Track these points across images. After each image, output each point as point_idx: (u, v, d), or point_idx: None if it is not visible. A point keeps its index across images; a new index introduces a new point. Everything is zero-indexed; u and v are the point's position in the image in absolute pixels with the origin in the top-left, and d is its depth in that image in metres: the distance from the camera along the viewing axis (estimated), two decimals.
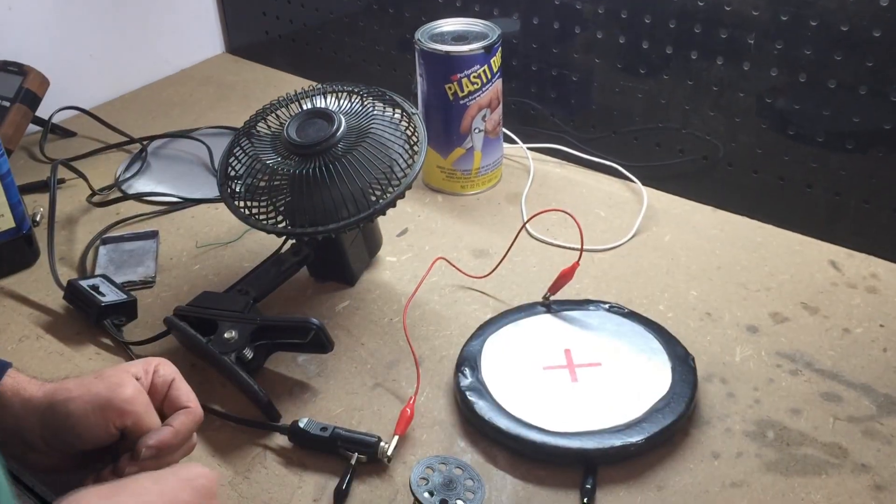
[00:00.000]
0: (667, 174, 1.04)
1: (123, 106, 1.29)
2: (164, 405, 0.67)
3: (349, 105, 0.84)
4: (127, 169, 1.11)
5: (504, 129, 1.06)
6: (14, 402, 0.62)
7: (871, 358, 0.78)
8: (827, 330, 0.81)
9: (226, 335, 0.76)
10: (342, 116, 0.81)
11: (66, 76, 1.20)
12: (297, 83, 0.91)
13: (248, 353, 0.75)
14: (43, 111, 1.15)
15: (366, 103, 0.84)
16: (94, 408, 0.61)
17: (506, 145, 1.08)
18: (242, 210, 0.83)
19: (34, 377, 0.65)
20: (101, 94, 1.29)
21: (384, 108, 0.85)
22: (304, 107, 0.84)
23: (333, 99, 0.85)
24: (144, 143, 1.16)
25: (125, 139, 1.17)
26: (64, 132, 1.20)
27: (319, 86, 0.87)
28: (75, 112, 1.22)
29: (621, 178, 1.05)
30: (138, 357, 0.81)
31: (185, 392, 0.67)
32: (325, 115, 0.81)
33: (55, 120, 1.19)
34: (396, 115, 0.85)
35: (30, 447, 0.63)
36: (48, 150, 1.15)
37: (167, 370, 0.67)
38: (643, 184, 1.03)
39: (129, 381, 0.63)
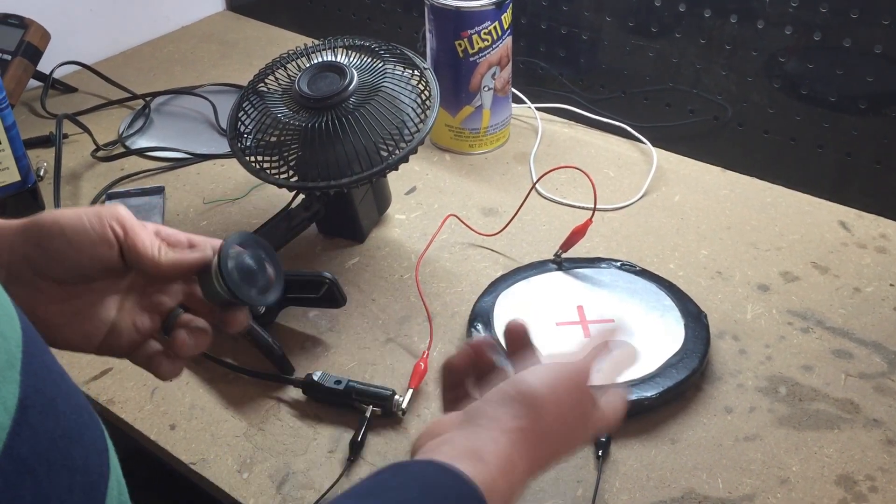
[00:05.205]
0: (677, 135, 1.03)
1: (124, 62, 1.27)
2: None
3: (360, 60, 0.83)
4: (130, 125, 1.10)
5: (512, 89, 1.05)
6: None
7: (882, 316, 0.78)
8: (837, 289, 0.82)
9: None
10: (354, 71, 0.80)
11: (67, 30, 1.18)
12: (300, 41, 0.90)
13: (261, 308, 0.75)
14: (43, 66, 1.13)
15: (377, 58, 0.83)
16: (87, 216, 0.53)
17: (514, 105, 1.07)
18: (254, 164, 0.82)
19: None
20: (101, 49, 1.27)
21: (395, 63, 0.84)
22: (314, 61, 0.83)
23: (344, 54, 0.84)
24: (147, 99, 1.14)
25: (128, 95, 1.15)
26: (65, 87, 1.18)
27: (330, 40, 0.86)
28: (76, 67, 1.20)
29: (630, 139, 1.04)
30: None
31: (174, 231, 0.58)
32: (337, 69, 0.81)
33: (56, 75, 1.17)
34: (408, 72, 0.84)
35: (14, 277, 0.52)
36: (49, 105, 1.14)
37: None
38: (653, 144, 1.02)
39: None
